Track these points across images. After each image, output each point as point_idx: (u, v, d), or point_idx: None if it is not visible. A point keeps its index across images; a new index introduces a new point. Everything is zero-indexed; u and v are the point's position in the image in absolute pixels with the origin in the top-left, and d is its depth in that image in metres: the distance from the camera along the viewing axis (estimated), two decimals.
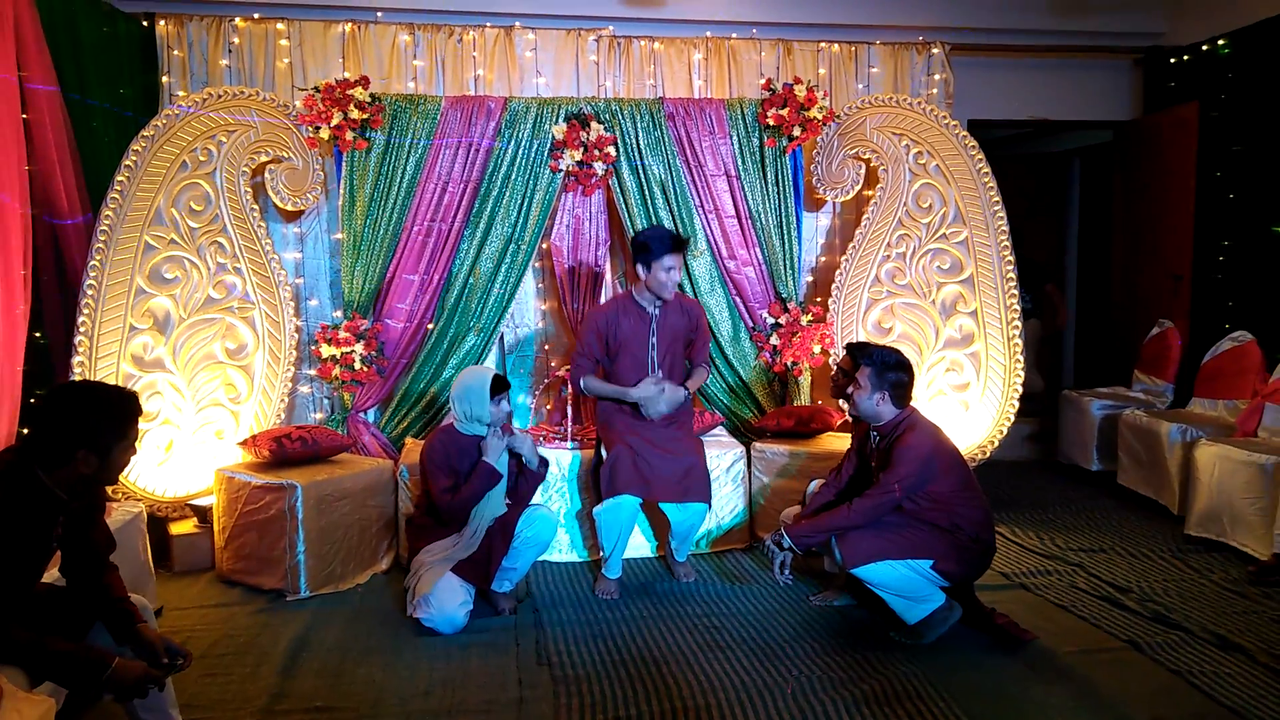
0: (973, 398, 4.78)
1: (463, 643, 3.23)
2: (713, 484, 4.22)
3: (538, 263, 4.92)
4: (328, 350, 4.35)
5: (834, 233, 5.29)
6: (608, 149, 4.55)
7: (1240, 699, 2.77)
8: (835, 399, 4.05)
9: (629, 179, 4.62)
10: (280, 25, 4.88)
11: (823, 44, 5.34)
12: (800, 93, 4.59)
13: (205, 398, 4.27)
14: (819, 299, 4.98)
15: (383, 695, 2.85)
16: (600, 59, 5.15)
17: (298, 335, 4.53)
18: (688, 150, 4.64)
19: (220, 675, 2.97)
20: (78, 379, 3.76)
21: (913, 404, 3.34)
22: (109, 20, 4.45)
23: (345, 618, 3.48)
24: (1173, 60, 5.75)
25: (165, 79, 4.75)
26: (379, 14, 4.96)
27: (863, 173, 4.86)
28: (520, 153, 4.54)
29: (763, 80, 4.83)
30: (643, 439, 3.75)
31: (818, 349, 4.66)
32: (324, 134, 4.35)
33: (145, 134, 4.10)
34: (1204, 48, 5.50)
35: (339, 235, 4.54)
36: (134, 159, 4.04)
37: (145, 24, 4.74)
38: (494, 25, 5.06)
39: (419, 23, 5.01)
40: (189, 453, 4.19)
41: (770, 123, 4.62)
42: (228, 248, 4.32)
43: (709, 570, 4.02)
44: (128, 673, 2.07)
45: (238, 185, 4.34)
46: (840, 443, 4.34)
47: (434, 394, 4.59)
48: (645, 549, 4.22)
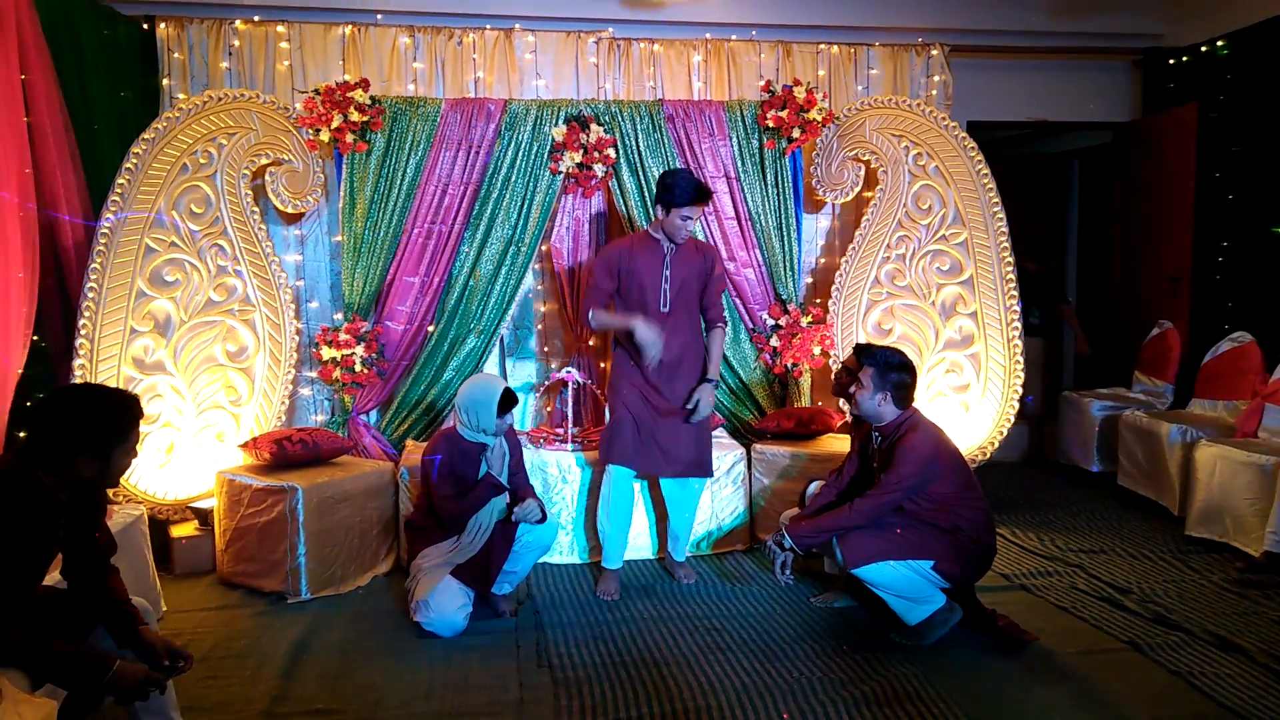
0: (973, 399, 4.79)
1: (464, 645, 3.23)
2: (713, 486, 4.24)
3: (538, 264, 4.92)
4: (328, 352, 4.35)
5: (834, 234, 5.29)
6: (607, 151, 4.55)
7: (1241, 700, 2.77)
8: (837, 398, 4.05)
9: (629, 181, 4.63)
10: (280, 28, 4.88)
11: (822, 46, 5.34)
12: (800, 94, 4.60)
13: (206, 400, 4.27)
14: (819, 300, 4.98)
15: (384, 697, 2.85)
16: (600, 61, 5.15)
17: (298, 337, 4.53)
18: (687, 152, 4.65)
19: (221, 677, 2.97)
20: (79, 382, 3.76)
21: (914, 405, 3.34)
22: (109, 23, 4.46)
23: (346, 620, 3.49)
24: (1171, 61, 5.75)
25: (165, 81, 4.75)
26: (379, 16, 4.96)
27: (862, 174, 4.86)
28: (520, 155, 4.54)
29: (762, 82, 4.84)
30: (647, 407, 3.75)
31: (818, 350, 4.66)
32: (324, 136, 4.35)
33: (146, 137, 4.10)
34: (1203, 49, 5.50)
35: (339, 237, 4.54)
36: (134, 161, 4.05)
37: (145, 26, 4.74)
38: (494, 27, 5.07)
39: (419, 25, 5.01)
40: (190, 455, 4.19)
41: (770, 124, 4.63)
42: (228, 250, 4.32)
43: (709, 572, 4.02)
44: (129, 675, 2.07)
45: (238, 188, 4.35)
46: (840, 444, 4.35)
47: (434, 396, 4.59)
48: (646, 551, 4.23)
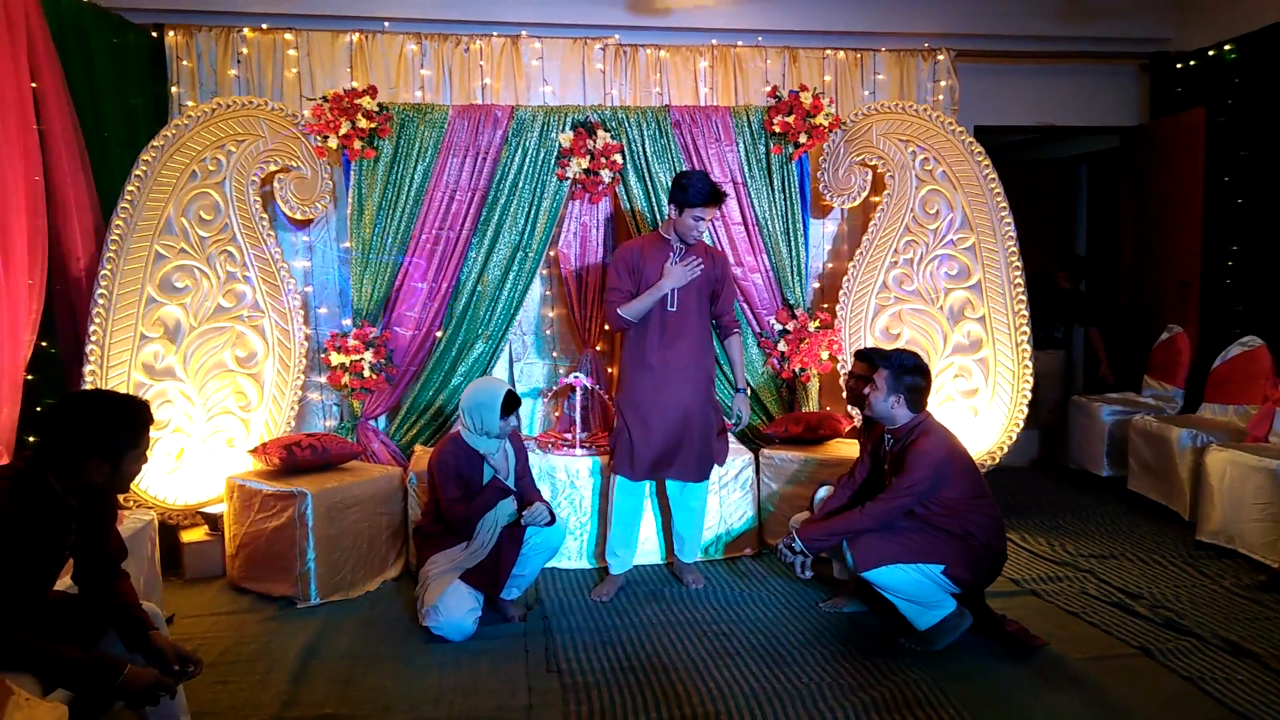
0: (981, 403, 4.77)
1: (473, 650, 3.23)
2: (721, 491, 4.24)
3: (545, 270, 4.93)
4: (337, 358, 4.36)
5: (841, 239, 5.29)
6: (614, 157, 4.56)
7: (1252, 705, 2.76)
8: (849, 401, 4.04)
9: (636, 186, 4.63)
10: (288, 35, 4.90)
11: (828, 51, 5.35)
12: (806, 100, 4.60)
13: (216, 406, 4.28)
14: (826, 305, 4.98)
15: (393, 702, 2.86)
16: (606, 67, 5.17)
17: (307, 343, 4.55)
18: (694, 158, 4.65)
19: (231, 682, 2.98)
20: (89, 387, 3.78)
21: (928, 409, 3.34)
22: (119, 31, 4.49)
23: (355, 625, 3.49)
24: (1179, 66, 5.74)
25: (174, 89, 4.78)
26: (386, 24, 4.99)
27: (869, 179, 4.86)
28: (527, 161, 4.55)
29: (768, 87, 4.84)
30: (651, 412, 3.76)
31: (825, 355, 4.66)
32: (332, 143, 4.37)
33: (155, 144, 4.12)
34: (1210, 53, 5.49)
35: (347, 244, 4.56)
36: (144, 169, 4.07)
37: (155, 35, 4.77)
38: (500, 34, 5.09)
39: (426, 32, 5.03)
40: (200, 461, 4.20)
41: (776, 130, 4.63)
42: (237, 256, 4.34)
43: (717, 576, 4.02)
44: (139, 680, 2.08)
45: (247, 194, 4.37)
46: (849, 449, 4.35)
47: (443, 401, 4.60)
48: (655, 556, 4.22)
